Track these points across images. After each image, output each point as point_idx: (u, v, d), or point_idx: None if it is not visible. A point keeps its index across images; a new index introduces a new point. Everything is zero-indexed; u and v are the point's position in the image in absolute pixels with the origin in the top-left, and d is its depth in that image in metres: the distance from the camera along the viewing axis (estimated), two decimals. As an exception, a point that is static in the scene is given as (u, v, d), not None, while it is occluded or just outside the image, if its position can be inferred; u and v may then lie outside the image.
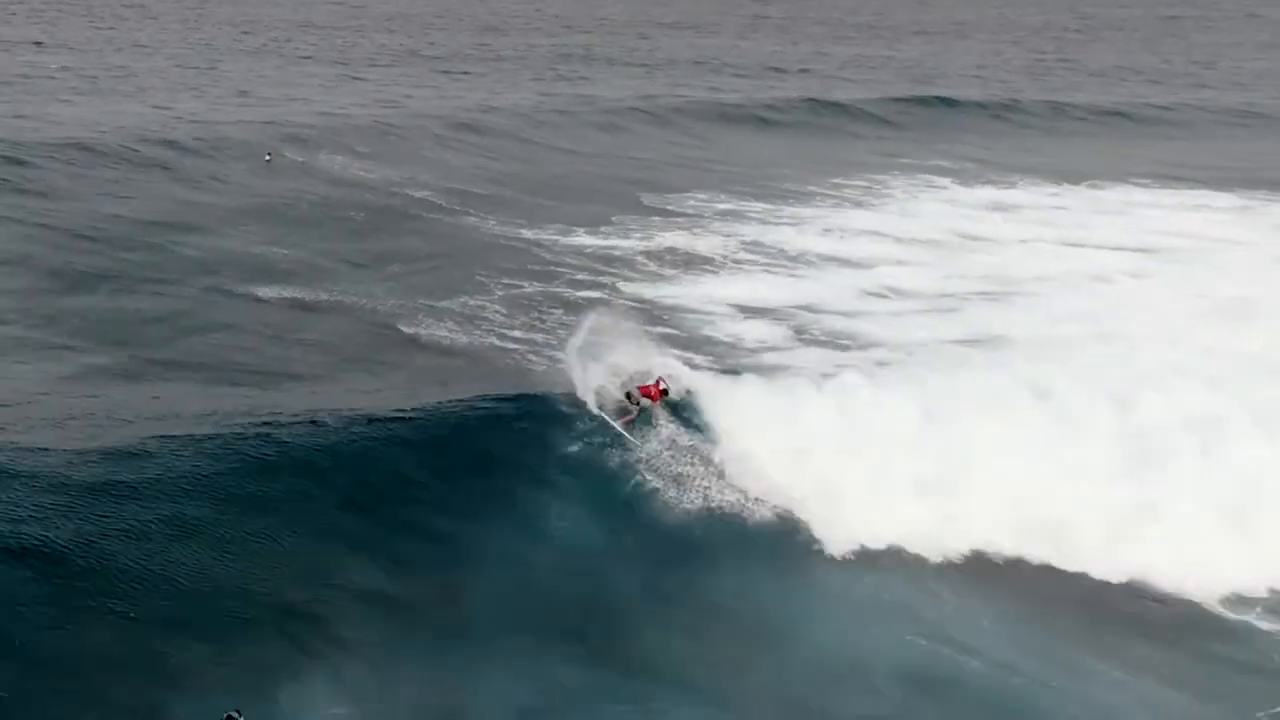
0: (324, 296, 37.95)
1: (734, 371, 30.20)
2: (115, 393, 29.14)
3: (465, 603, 20.29)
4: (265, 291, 37.81)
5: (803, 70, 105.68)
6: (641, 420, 25.97)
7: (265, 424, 26.98)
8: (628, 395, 25.91)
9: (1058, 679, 21.49)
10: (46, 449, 24.30)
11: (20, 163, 48.51)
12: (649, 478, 25.16)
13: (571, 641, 19.89)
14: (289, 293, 37.95)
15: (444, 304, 37.96)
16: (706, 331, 38.47)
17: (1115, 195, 65.15)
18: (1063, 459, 27.93)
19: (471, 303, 38.34)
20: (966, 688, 20.68)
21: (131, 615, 18.79)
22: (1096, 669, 22.06)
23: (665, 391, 26.05)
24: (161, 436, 25.91)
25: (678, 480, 25.25)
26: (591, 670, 19.34)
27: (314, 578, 20.45)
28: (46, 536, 20.73)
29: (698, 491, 25.21)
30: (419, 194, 52.82)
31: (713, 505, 24.94)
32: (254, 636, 18.65)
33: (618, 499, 24.52)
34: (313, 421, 27.58)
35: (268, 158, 54.95)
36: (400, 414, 27.29)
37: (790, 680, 19.90)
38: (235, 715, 16.45)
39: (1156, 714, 20.81)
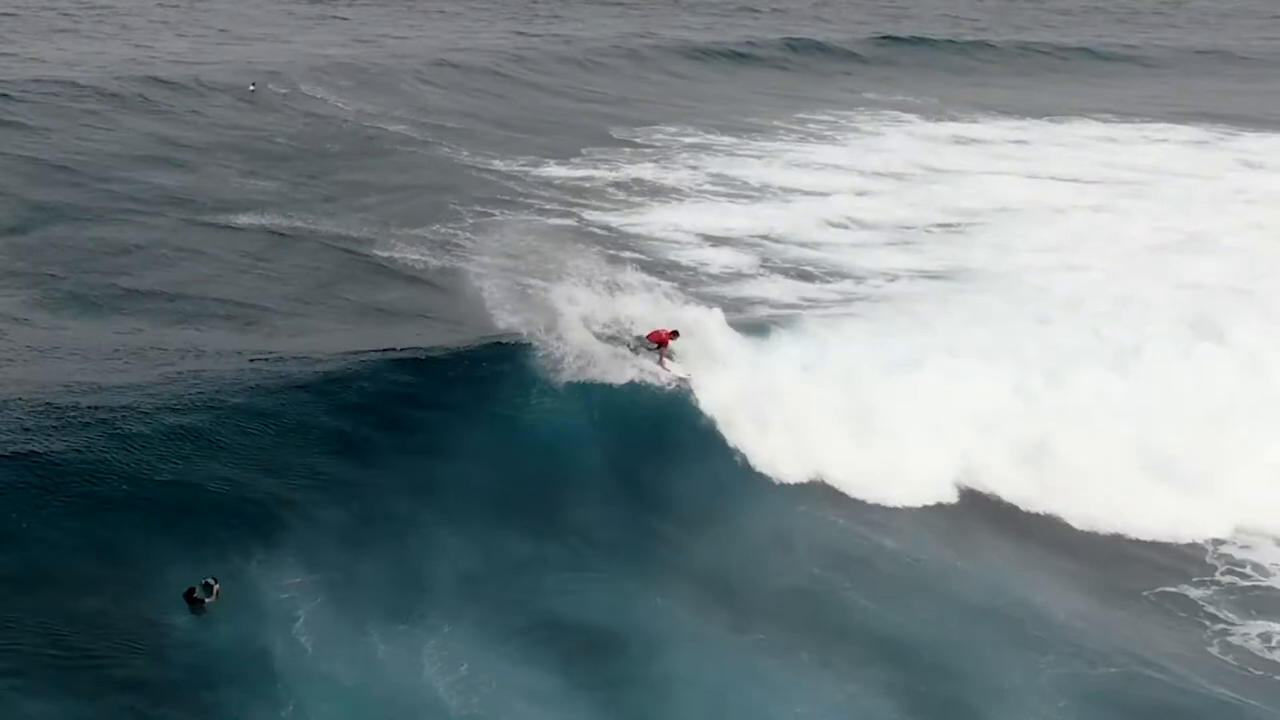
0: (300, 225, 38.57)
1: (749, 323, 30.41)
2: (94, 320, 29.92)
3: (430, 490, 21.47)
4: (242, 220, 38.34)
5: (776, 10, 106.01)
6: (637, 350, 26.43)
7: (245, 346, 28.14)
8: (640, 342, 26.42)
9: (964, 563, 22.89)
10: (32, 373, 25.35)
11: (3, 97, 48.95)
12: (619, 391, 25.87)
13: (525, 520, 21.24)
14: (265, 221, 38.50)
15: (417, 231, 38.66)
16: (672, 257, 39.28)
17: (1079, 130, 65.97)
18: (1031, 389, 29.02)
19: (443, 230, 39.03)
20: (877, 564, 22.12)
21: (122, 500, 19.98)
22: (1002, 554, 23.47)
23: (675, 334, 26.29)
24: (143, 359, 27.03)
25: (648, 394, 25.94)
26: (540, 544, 20.67)
27: (290, 471, 21.68)
28: (40, 443, 21.79)
29: (668, 405, 25.88)
30: (394, 128, 53.32)
31: (676, 417, 25.75)
32: (232, 518, 19.90)
33: (583, 409, 25.34)
34: (290, 340, 28.83)
35: (252, 87, 55.38)
36: (376, 337, 28.38)
37: (720, 555, 21.35)
38: (212, 582, 17.86)
39: (1054, 592, 22.31)
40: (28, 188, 40.03)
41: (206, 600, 17.73)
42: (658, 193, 47.06)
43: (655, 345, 26.10)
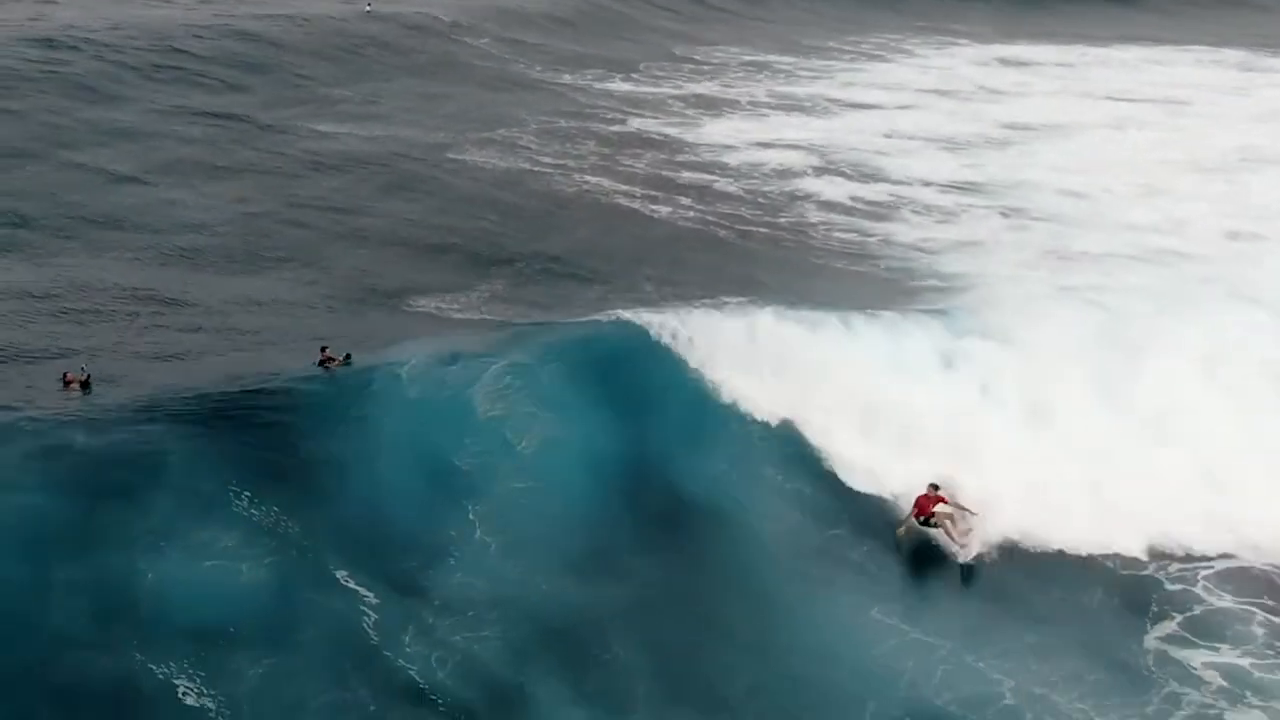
0: (379, 132, 38.57)
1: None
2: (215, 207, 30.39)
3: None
4: (326, 128, 38.34)
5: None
6: None
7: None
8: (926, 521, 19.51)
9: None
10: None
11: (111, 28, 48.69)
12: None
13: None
14: (345, 129, 38.47)
15: (487, 135, 38.72)
16: (725, 159, 38.81)
17: (1122, 54, 64.53)
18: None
19: (509, 134, 39.10)
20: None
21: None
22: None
23: (936, 489, 19.64)
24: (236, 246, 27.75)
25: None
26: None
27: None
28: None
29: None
30: (479, 42, 52.99)
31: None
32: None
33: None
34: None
35: (368, 8, 54.68)
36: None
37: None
38: (349, 355, 19.85)
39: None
40: (115, 108, 39.65)
41: (331, 365, 19.60)
42: (715, 105, 46.61)
43: (927, 518, 19.50)
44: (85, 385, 18.72)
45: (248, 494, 16.77)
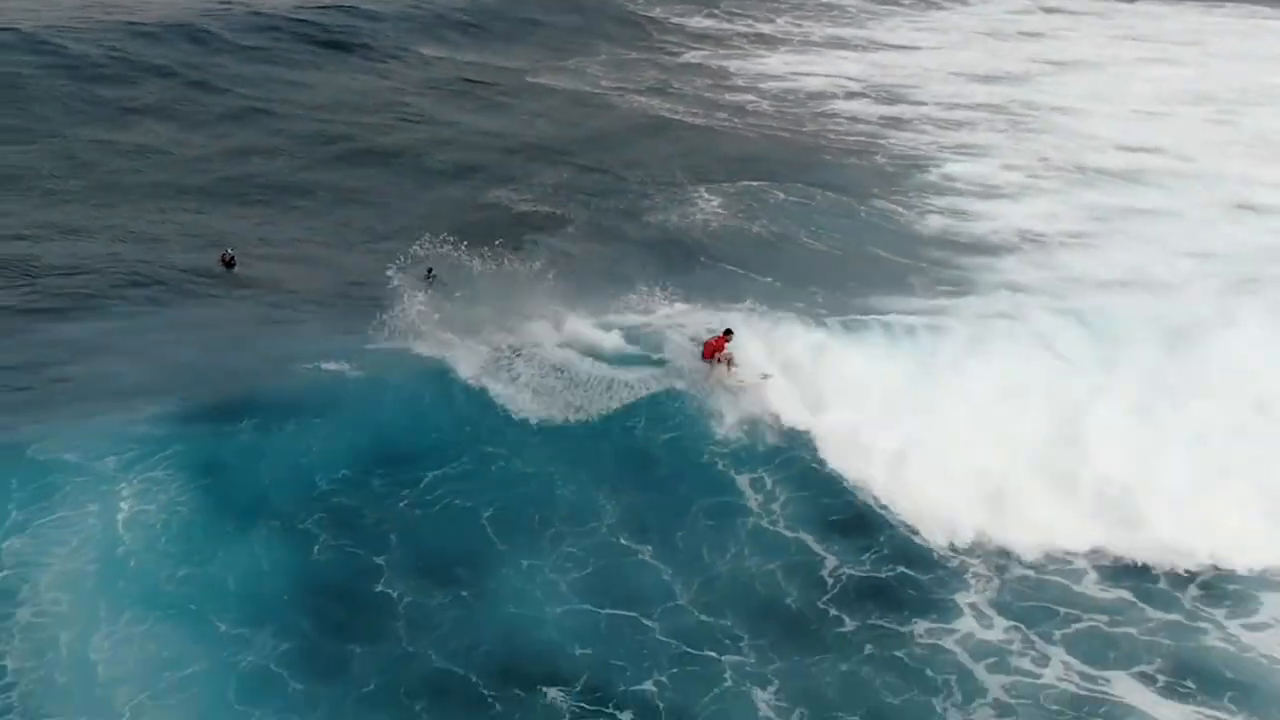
0: (473, 58, 40.88)
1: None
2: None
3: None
4: (429, 51, 40.93)
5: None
6: None
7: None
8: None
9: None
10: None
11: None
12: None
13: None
14: (444, 53, 41.14)
15: (560, 64, 41.00)
16: (766, 85, 40.40)
17: (1154, 8, 64.49)
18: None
19: (580, 62, 41.48)
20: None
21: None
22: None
23: (729, 334, 18.50)
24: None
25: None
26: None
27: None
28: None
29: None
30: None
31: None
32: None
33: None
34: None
35: None
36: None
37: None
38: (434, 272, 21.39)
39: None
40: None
41: (427, 276, 21.14)
42: (771, 41, 48.05)
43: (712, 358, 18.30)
44: (231, 264, 22.60)
45: (383, 318, 18.89)
